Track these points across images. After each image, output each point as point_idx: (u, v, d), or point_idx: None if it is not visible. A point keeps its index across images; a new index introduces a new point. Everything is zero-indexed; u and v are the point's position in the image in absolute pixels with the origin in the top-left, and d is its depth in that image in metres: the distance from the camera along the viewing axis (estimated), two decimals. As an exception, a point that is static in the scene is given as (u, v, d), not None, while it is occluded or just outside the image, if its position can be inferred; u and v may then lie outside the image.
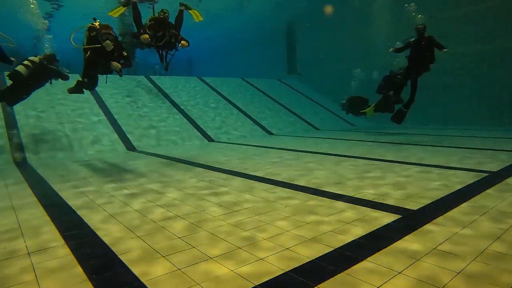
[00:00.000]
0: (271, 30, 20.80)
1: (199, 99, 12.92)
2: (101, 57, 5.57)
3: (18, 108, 8.79)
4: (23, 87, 6.61)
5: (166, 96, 12.40)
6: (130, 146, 8.57)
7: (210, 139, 10.04)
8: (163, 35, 5.96)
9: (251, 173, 5.21)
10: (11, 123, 8.17)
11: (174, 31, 6.05)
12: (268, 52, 21.89)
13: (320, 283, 1.96)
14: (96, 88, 7.22)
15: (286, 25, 20.29)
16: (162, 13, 5.94)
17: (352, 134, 11.18)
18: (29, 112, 8.81)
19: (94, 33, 5.50)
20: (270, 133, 11.58)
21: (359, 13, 15.82)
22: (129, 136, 9.04)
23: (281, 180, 4.71)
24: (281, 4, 18.39)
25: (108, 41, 5.39)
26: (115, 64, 5.54)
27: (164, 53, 6.34)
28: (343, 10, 16.61)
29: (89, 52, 5.54)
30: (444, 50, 7.62)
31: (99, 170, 5.89)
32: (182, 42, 6.11)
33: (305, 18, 18.78)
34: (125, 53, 5.78)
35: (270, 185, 4.45)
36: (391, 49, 8.23)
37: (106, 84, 11.63)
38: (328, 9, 15.78)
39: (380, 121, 14.49)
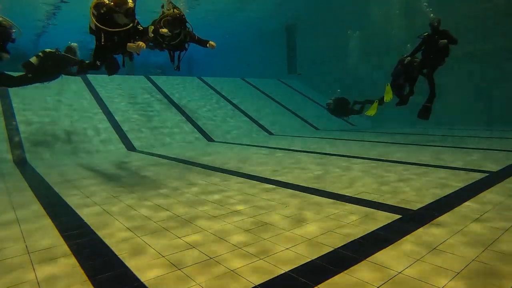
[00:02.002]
0: (271, 30, 20.79)
1: (198, 99, 12.92)
2: (117, 38, 4.66)
3: (18, 108, 8.80)
4: (35, 76, 6.67)
5: (166, 96, 12.39)
6: (130, 146, 8.57)
7: (210, 139, 10.03)
8: (179, 33, 5.66)
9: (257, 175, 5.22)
10: (11, 123, 8.16)
11: (189, 31, 5.79)
12: (268, 52, 21.88)
13: (320, 283, 1.96)
14: (95, 87, 7.12)
15: (285, 25, 20.27)
16: (177, 10, 5.59)
17: (352, 134, 11.18)
18: (30, 111, 8.81)
19: (105, 9, 4.59)
20: (270, 133, 11.57)
21: (359, 13, 15.81)
22: (129, 136, 9.04)
23: (284, 180, 4.71)
24: (281, 4, 18.37)
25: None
26: (136, 44, 4.52)
27: (172, 53, 6.09)
28: (343, 9, 16.61)
29: (103, 34, 4.59)
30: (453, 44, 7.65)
31: (99, 170, 5.89)
32: (210, 42, 5.89)
33: (305, 18, 18.77)
34: (140, 27, 4.87)
35: (270, 185, 4.45)
36: (407, 59, 8.24)
37: (106, 84, 11.73)
38: None
39: (380, 121, 14.50)
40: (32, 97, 9.39)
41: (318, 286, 1.93)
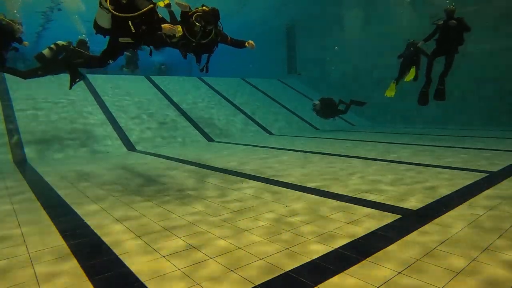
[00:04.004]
0: (271, 30, 20.79)
1: (198, 99, 12.93)
2: (139, 26, 3.97)
3: (18, 107, 8.79)
4: (46, 68, 6.72)
5: (166, 96, 12.40)
6: (130, 146, 8.57)
7: (210, 139, 10.04)
8: (211, 31, 4.98)
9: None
10: (11, 123, 8.16)
11: (220, 30, 5.19)
12: (268, 52, 21.88)
13: (320, 283, 1.96)
14: (96, 87, 7.09)
15: (286, 25, 20.27)
16: (206, 8, 4.93)
17: (352, 134, 11.18)
18: (29, 111, 8.81)
19: None
20: (270, 133, 11.58)
21: (359, 13, 15.83)
22: (129, 136, 9.04)
23: (288, 181, 4.71)
24: (282, 5, 18.38)
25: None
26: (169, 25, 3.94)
27: (199, 56, 5.38)
28: (343, 10, 16.62)
29: (130, 23, 3.87)
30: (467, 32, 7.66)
31: (99, 170, 5.89)
32: (250, 42, 5.34)
33: (305, 18, 18.77)
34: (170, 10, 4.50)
35: (262, 183, 4.45)
36: (420, 43, 8.33)
37: (107, 84, 11.73)
38: None
39: (379, 121, 14.52)
40: (32, 97, 9.39)
41: (318, 286, 1.93)
